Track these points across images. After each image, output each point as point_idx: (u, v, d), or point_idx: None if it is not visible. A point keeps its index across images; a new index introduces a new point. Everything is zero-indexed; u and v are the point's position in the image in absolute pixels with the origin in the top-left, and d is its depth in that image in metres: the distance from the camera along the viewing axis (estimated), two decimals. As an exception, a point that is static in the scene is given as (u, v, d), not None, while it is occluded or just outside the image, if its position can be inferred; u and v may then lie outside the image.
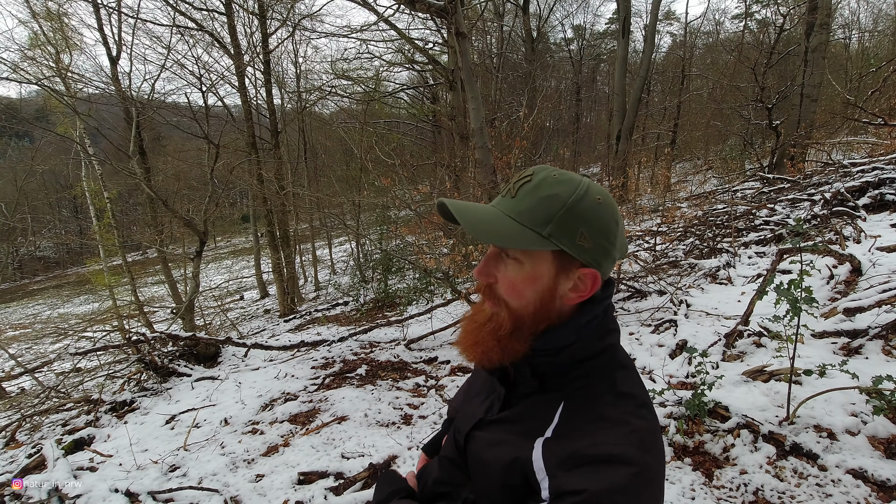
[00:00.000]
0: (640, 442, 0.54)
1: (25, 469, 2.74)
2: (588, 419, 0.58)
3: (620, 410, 0.58)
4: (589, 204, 0.58)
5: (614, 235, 0.60)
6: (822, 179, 7.60)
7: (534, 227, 0.58)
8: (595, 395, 0.60)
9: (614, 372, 0.63)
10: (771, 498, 1.88)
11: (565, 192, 0.58)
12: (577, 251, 0.58)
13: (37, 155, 14.74)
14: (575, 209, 0.57)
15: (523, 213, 0.59)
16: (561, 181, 0.59)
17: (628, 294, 4.92)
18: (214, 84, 10.46)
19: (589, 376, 0.62)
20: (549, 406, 0.62)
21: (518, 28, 17.58)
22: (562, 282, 0.61)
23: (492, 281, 0.63)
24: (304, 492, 2.31)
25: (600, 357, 0.63)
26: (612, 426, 0.56)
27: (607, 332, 0.64)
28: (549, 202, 0.58)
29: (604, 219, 0.59)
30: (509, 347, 0.63)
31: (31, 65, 9.36)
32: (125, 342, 4.71)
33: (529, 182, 0.60)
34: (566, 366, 0.62)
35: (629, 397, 0.60)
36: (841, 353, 2.71)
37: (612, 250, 0.60)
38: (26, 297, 22.88)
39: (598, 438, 0.55)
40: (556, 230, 0.57)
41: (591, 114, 29.73)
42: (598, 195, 0.59)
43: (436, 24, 11.64)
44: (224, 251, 27.98)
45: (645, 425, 0.57)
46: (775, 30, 15.19)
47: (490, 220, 0.60)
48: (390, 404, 3.30)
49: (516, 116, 9.57)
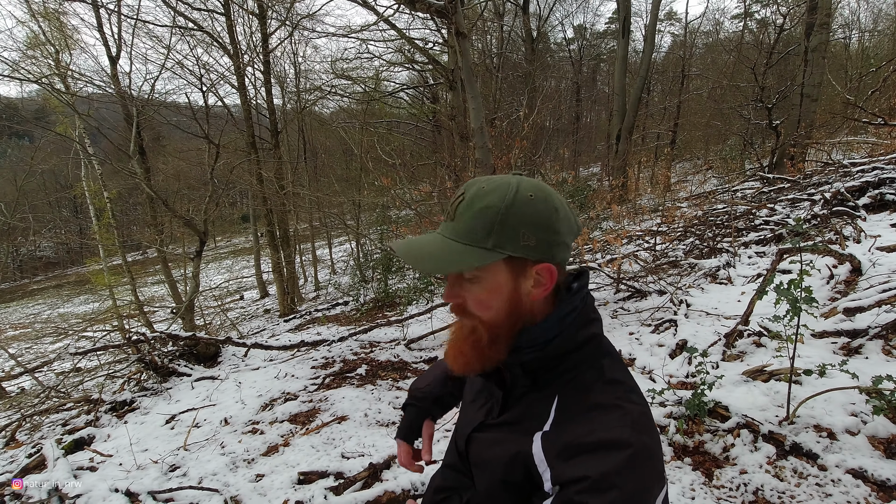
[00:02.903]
0: (633, 424, 0.56)
1: (25, 469, 2.74)
2: (582, 408, 0.60)
3: (612, 396, 0.60)
4: (522, 204, 0.59)
5: (556, 223, 0.61)
6: (822, 179, 7.60)
7: (477, 243, 0.59)
8: (586, 385, 0.62)
9: (601, 360, 0.64)
10: (771, 498, 1.88)
11: (496, 201, 0.59)
12: (524, 251, 0.59)
13: (37, 154, 14.74)
14: (509, 214, 0.58)
15: (464, 232, 0.60)
16: (490, 191, 0.60)
17: (628, 294, 4.92)
18: (214, 84, 10.46)
19: (577, 367, 0.63)
20: (544, 403, 0.63)
21: (518, 28, 17.57)
22: (522, 283, 0.62)
23: (460, 301, 0.65)
24: (304, 491, 2.31)
25: (586, 347, 0.64)
26: (605, 412, 0.58)
27: (589, 322, 0.65)
28: (484, 215, 0.59)
29: (540, 213, 0.59)
30: (490, 355, 0.65)
31: (30, 64, 9.37)
32: (125, 342, 4.71)
33: (463, 200, 0.62)
34: (554, 359, 0.63)
35: (618, 384, 0.62)
36: (841, 353, 2.71)
37: (560, 237, 0.61)
38: (26, 296, 22.88)
39: (593, 425, 0.56)
40: (498, 239, 0.59)
41: (591, 114, 29.74)
42: (530, 191, 0.60)
43: (436, 24, 11.62)
44: (224, 251, 27.98)
45: (637, 409, 0.59)
46: (775, 30, 15.18)
47: (436, 252, 0.61)
48: (390, 404, 3.30)
49: (516, 116, 9.56)
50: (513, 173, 0.64)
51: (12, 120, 13.30)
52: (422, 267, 0.61)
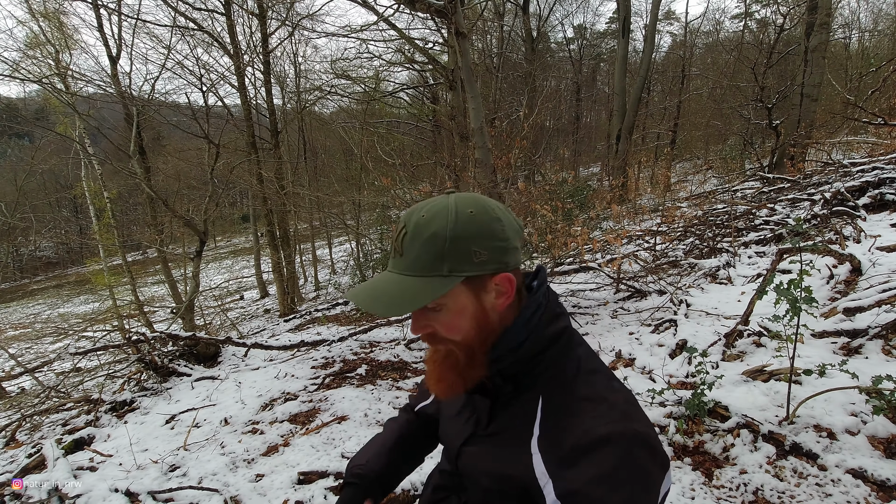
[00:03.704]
0: (622, 414, 0.57)
1: (25, 469, 2.73)
2: (568, 404, 0.60)
3: (595, 388, 0.61)
4: (465, 222, 0.59)
5: (502, 230, 0.60)
6: (822, 179, 7.60)
7: (433, 272, 0.59)
8: (567, 380, 0.62)
9: (577, 352, 0.65)
10: (771, 497, 1.88)
11: (441, 226, 0.58)
12: (480, 268, 0.59)
13: (37, 154, 14.74)
14: (457, 236, 0.58)
15: (416, 265, 0.60)
16: (432, 217, 0.59)
17: (628, 294, 4.92)
18: (214, 84, 10.46)
19: (555, 364, 0.64)
20: (530, 405, 0.63)
21: (518, 28, 17.57)
22: (485, 298, 0.62)
23: (430, 330, 0.65)
24: (304, 491, 2.31)
25: (558, 342, 0.64)
26: (593, 406, 0.58)
27: (556, 317, 0.66)
28: (433, 243, 0.58)
29: (485, 226, 0.59)
30: (471, 375, 0.65)
31: (30, 64, 9.37)
32: (125, 342, 4.71)
33: (406, 233, 0.61)
34: (530, 361, 0.63)
35: (597, 373, 0.63)
36: (841, 353, 2.70)
37: (509, 243, 0.61)
38: (26, 296, 22.88)
39: (585, 425, 0.56)
40: (452, 263, 0.58)
41: (591, 114, 29.74)
42: (469, 208, 0.60)
43: (436, 24, 11.62)
44: (224, 251, 27.98)
45: (621, 396, 0.60)
46: (775, 30, 15.17)
47: (395, 292, 0.60)
48: (390, 404, 3.30)
49: (516, 116, 9.57)
50: (446, 192, 0.64)
51: (12, 120, 13.30)
52: (386, 312, 0.59)
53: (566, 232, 4.83)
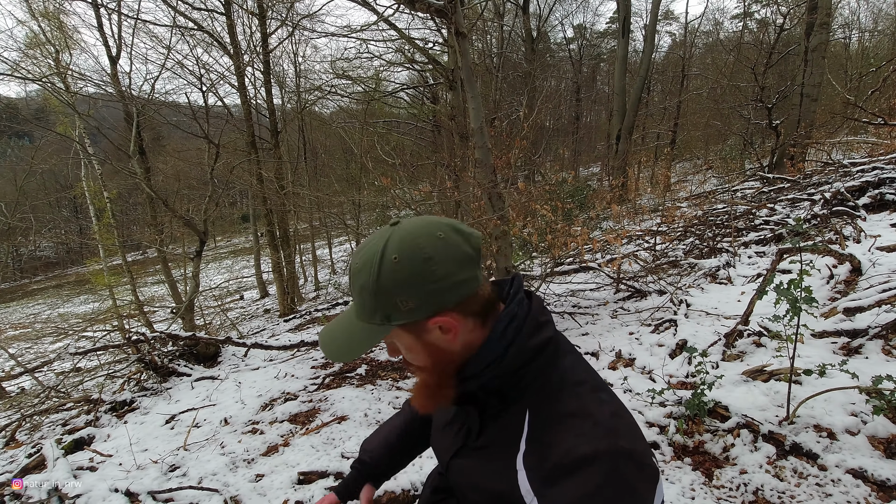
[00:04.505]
0: (606, 431, 0.55)
1: (25, 469, 2.73)
2: (554, 420, 0.58)
3: (581, 401, 0.59)
4: (388, 273, 0.57)
5: (431, 273, 0.57)
6: (822, 179, 7.60)
7: (370, 320, 0.61)
8: (553, 392, 0.61)
9: (563, 362, 0.63)
10: (771, 497, 1.88)
11: (365, 278, 0.58)
12: (409, 316, 0.58)
13: (37, 154, 14.73)
14: (379, 289, 0.57)
15: (359, 310, 0.62)
16: (360, 267, 0.59)
17: (628, 294, 4.93)
18: (214, 84, 10.46)
19: (541, 375, 0.62)
20: (517, 418, 0.61)
21: (518, 28, 17.57)
22: (429, 337, 0.62)
23: (400, 356, 0.68)
24: (304, 491, 2.31)
25: (544, 352, 0.62)
26: (578, 421, 0.56)
27: (539, 328, 0.63)
28: (362, 295, 0.60)
29: (410, 273, 0.56)
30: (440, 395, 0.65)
31: (30, 64, 9.37)
32: (125, 342, 4.71)
33: (350, 277, 0.62)
34: (515, 373, 0.62)
35: (583, 384, 0.61)
36: (841, 353, 2.70)
37: (444, 282, 0.57)
38: (26, 296, 22.88)
39: (569, 442, 0.55)
40: (382, 314, 0.59)
41: (591, 114, 29.75)
42: (394, 253, 0.57)
43: (436, 24, 11.61)
44: (224, 251, 27.98)
45: (607, 410, 0.58)
46: (775, 29, 15.18)
47: (344, 339, 0.64)
48: (390, 404, 3.30)
49: (516, 116, 9.56)
50: (390, 224, 0.62)
51: (12, 120, 13.29)
52: (335, 359, 0.64)
53: (566, 232, 4.83)
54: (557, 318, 4.57)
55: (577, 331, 4.19)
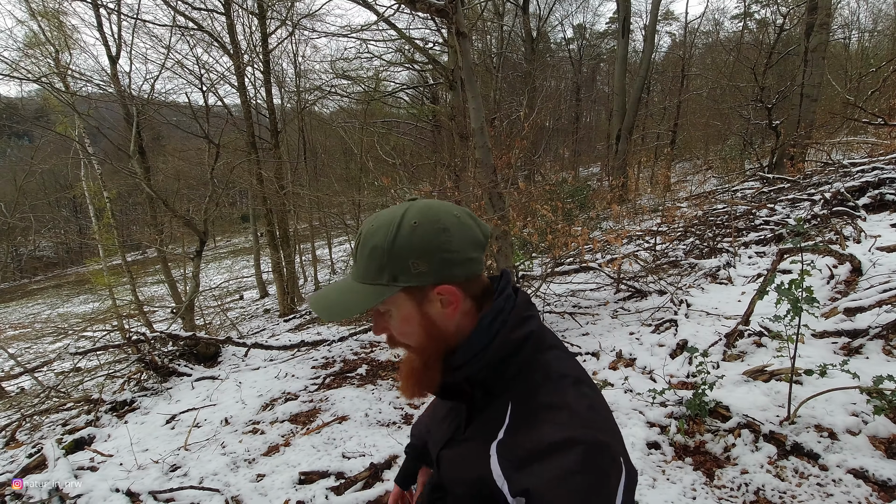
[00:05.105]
0: (582, 422, 0.56)
1: (26, 469, 2.73)
2: (533, 411, 0.59)
3: (560, 394, 0.60)
4: (406, 235, 0.60)
5: (447, 243, 0.60)
6: (822, 179, 7.60)
7: (374, 281, 0.62)
8: (534, 385, 0.62)
9: (546, 355, 0.64)
10: (772, 497, 1.88)
11: (381, 238, 0.60)
12: (418, 279, 0.61)
13: (37, 154, 14.74)
14: (394, 249, 0.60)
15: (363, 273, 0.63)
16: (376, 229, 0.61)
17: (628, 294, 4.93)
18: (214, 84, 10.45)
19: (524, 368, 0.63)
20: (500, 410, 0.63)
21: (518, 28, 17.57)
22: (428, 307, 0.63)
23: (387, 333, 0.68)
24: (305, 491, 2.31)
25: (526, 346, 0.64)
26: (555, 412, 0.57)
27: (523, 321, 0.65)
28: (374, 254, 0.61)
29: (427, 238, 0.60)
30: (428, 379, 0.66)
31: (30, 63, 9.36)
32: (125, 342, 4.71)
33: (359, 242, 0.64)
34: (498, 366, 0.63)
35: (565, 377, 0.62)
36: (841, 353, 2.71)
37: (456, 255, 0.61)
38: (26, 296, 22.86)
39: (543, 430, 0.56)
40: (391, 274, 0.61)
41: (591, 114, 29.76)
42: (415, 219, 0.60)
43: (436, 24, 11.61)
44: (224, 251, 27.97)
45: (584, 403, 0.59)
46: (775, 30, 15.19)
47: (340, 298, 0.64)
48: (391, 404, 3.30)
49: (516, 116, 9.56)
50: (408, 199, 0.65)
51: (12, 120, 13.29)
52: (326, 316, 0.64)
53: (566, 232, 4.84)
54: (558, 318, 4.57)
55: (578, 331, 4.19)
